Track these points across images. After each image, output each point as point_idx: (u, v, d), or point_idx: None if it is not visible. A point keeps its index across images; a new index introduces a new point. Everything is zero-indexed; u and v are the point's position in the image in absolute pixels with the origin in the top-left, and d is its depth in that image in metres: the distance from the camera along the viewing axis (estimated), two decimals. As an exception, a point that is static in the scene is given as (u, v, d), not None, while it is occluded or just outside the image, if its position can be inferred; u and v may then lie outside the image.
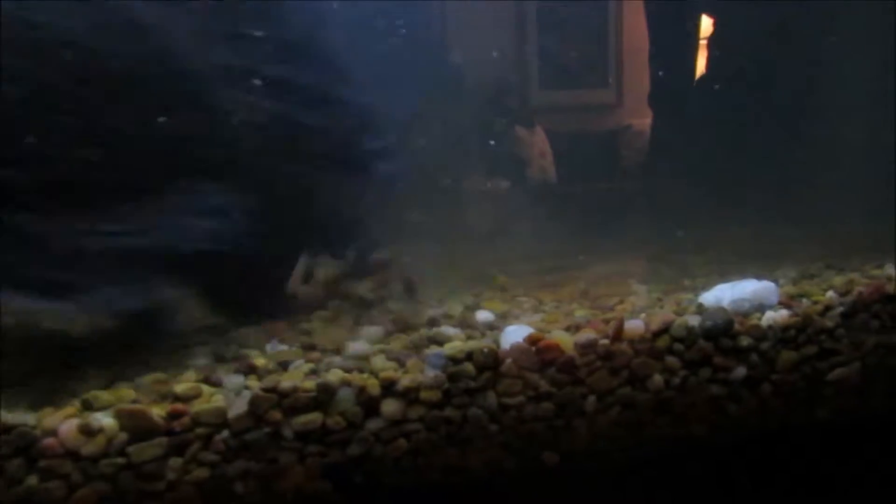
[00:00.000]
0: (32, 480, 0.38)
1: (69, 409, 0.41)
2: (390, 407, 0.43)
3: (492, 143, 1.29)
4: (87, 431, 0.39)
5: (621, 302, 0.57)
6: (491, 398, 0.44)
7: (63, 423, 0.39)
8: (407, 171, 0.64)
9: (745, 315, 0.49)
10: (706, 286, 0.55)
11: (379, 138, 0.60)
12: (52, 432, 0.39)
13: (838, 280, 0.55)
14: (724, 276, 0.61)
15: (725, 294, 0.51)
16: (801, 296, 0.52)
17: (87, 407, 0.41)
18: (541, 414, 0.45)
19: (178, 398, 0.42)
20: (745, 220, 1.05)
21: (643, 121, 1.49)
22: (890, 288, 0.51)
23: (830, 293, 0.52)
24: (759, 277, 0.53)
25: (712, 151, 1.22)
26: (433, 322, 0.53)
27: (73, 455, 0.39)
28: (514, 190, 1.30)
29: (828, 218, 0.96)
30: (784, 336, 0.49)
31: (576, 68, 1.63)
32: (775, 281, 0.53)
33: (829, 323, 0.50)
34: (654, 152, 1.41)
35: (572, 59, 1.61)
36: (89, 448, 0.39)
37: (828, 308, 0.50)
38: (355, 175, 0.58)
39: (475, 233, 1.02)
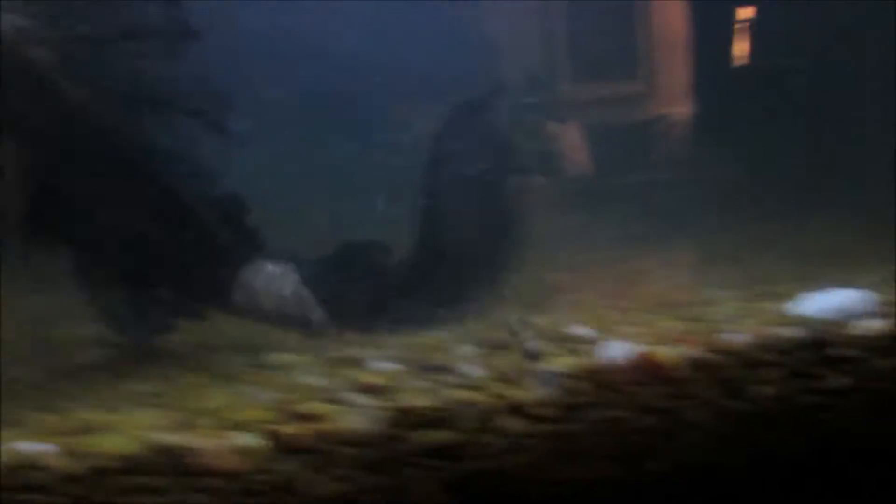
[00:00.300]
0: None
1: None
2: (509, 423, 0.46)
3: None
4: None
5: (704, 310, 0.59)
6: (601, 412, 0.47)
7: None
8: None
9: (840, 325, 0.51)
10: (789, 293, 0.57)
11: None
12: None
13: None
14: (802, 280, 0.63)
15: (816, 304, 0.53)
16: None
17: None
18: (647, 426, 0.47)
19: (306, 417, 0.45)
20: (808, 214, 1.05)
21: (676, 110, 1.49)
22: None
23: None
24: (844, 285, 0.55)
25: (769, 141, 1.22)
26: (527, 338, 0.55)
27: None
28: (548, 187, 1.27)
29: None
30: (879, 345, 0.50)
31: (605, 59, 1.59)
32: (864, 289, 0.55)
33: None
34: (701, 143, 1.41)
35: (601, 50, 1.58)
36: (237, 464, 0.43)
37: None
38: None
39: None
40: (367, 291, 0.73)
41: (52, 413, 0.48)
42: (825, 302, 0.52)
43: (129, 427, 0.45)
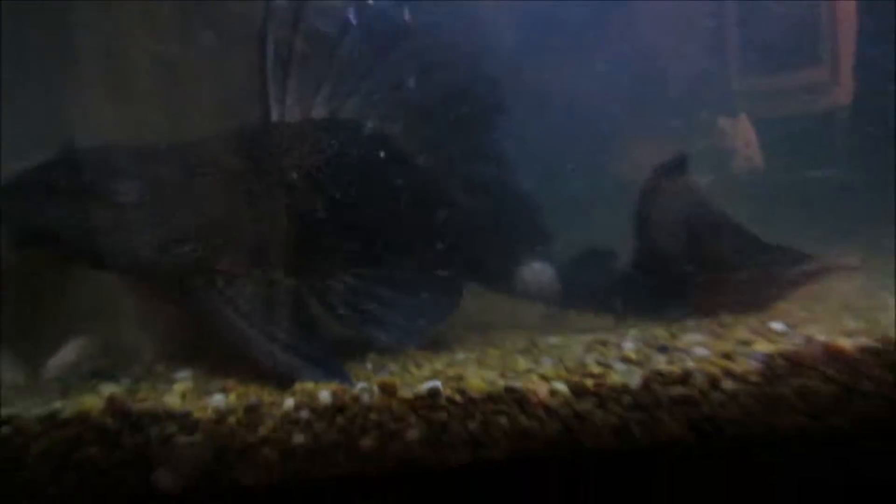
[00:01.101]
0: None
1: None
2: (728, 384, 0.68)
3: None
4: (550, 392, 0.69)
5: (877, 314, 0.77)
6: (794, 381, 0.68)
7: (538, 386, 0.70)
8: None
9: None
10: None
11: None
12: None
13: None
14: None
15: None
16: None
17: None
18: (825, 392, 0.68)
19: (593, 375, 0.71)
20: None
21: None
22: None
23: None
24: None
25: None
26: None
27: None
28: (719, 184, 1.30)
29: None
30: None
31: (782, 48, 1.50)
32: None
33: None
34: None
35: (777, 38, 1.49)
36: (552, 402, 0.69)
37: None
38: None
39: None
40: (601, 285, 0.99)
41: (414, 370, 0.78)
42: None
43: (478, 377, 0.73)
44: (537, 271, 1.00)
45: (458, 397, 0.70)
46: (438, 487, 0.71)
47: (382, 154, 0.93)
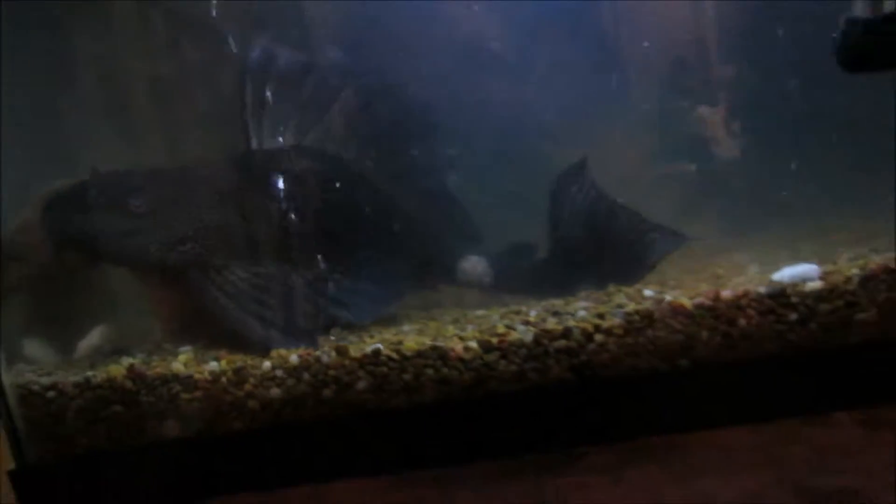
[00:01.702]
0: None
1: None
2: (598, 337, 0.89)
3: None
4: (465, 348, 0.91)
5: (730, 281, 0.98)
6: (648, 332, 0.89)
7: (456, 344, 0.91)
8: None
9: (796, 285, 0.89)
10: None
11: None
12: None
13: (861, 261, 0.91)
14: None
15: (786, 273, 0.91)
16: (837, 271, 0.90)
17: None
18: (675, 341, 0.89)
19: (496, 334, 0.92)
20: None
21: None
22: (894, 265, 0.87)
23: (854, 270, 0.89)
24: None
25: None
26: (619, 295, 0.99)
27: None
28: (702, 173, 1.40)
29: None
30: (819, 295, 0.88)
31: None
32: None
33: (850, 287, 0.87)
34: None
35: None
36: (469, 354, 0.90)
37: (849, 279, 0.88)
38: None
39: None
40: (524, 271, 1.20)
41: (368, 339, 0.99)
42: (792, 272, 0.90)
43: (413, 341, 0.94)
44: (473, 262, 1.21)
45: (395, 355, 0.91)
46: (383, 426, 0.93)
47: (341, 172, 1.15)
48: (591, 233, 1.14)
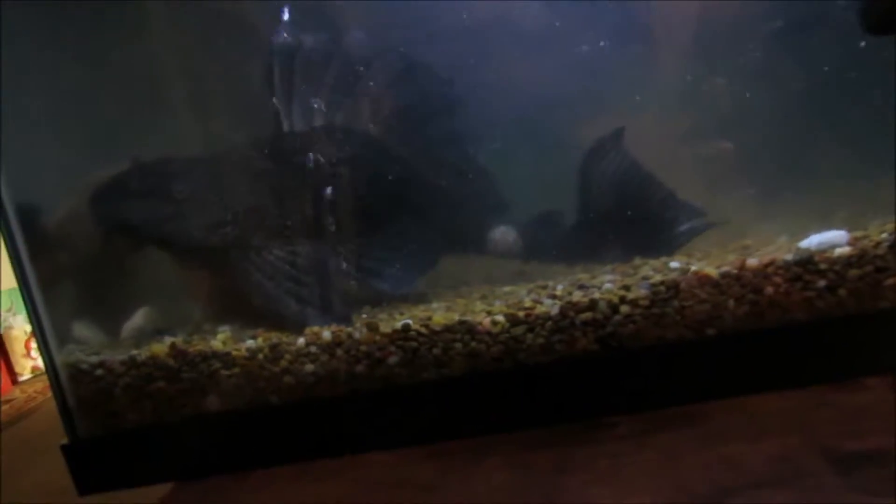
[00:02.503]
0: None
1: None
2: (624, 308, 0.90)
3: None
4: (492, 322, 0.92)
5: (758, 251, 0.98)
6: (675, 302, 0.90)
7: (483, 318, 0.93)
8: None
9: (824, 251, 0.88)
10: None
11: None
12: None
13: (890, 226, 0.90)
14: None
15: (814, 239, 0.90)
16: (865, 237, 0.89)
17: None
18: (703, 310, 0.89)
19: (526, 308, 0.93)
20: None
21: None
22: (923, 228, 0.86)
23: (884, 234, 0.88)
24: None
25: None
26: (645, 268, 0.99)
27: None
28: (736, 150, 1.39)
29: None
30: (848, 262, 0.87)
31: None
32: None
33: (879, 252, 0.86)
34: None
35: None
36: (496, 328, 0.92)
37: (878, 243, 0.87)
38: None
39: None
40: (553, 240, 1.21)
41: (398, 315, 1.02)
42: (820, 238, 0.90)
43: (442, 317, 0.96)
44: (503, 233, 1.23)
45: (424, 330, 0.94)
46: (414, 399, 0.95)
47: (370, 149, 1.18)
48: (622, 203, 1.14)
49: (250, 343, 0.98)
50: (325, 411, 0.96)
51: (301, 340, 0.96)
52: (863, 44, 1.23)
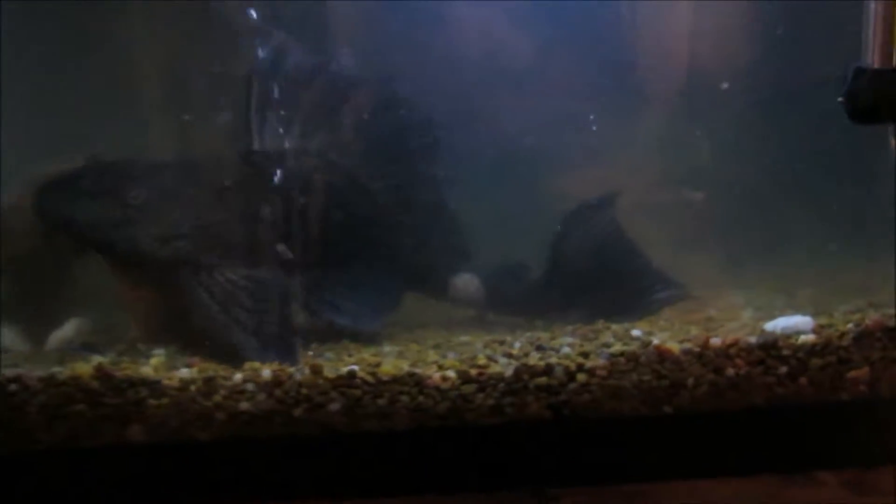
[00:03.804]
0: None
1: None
2: (581, 377, 0.87)
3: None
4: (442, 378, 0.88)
5: (722, 326, 0.95)
6: (633, 375, 0.86)
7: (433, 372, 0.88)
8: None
9: (788, 337, 0.86)
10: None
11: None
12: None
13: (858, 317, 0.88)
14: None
15: (780, 323, 0.88)
16: (831, 325, 0.87)
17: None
18: (661, 386, 0.86)
19: (479, 366, 0.89)
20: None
21: None
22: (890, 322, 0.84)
23: (850, 324, 0.86)
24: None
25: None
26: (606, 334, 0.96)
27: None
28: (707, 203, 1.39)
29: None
30: (812, 350, 0.85)
31: None
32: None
33: (844, 343, 0.84)
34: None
35: None
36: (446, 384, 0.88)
37: (844, 334, 0.85)
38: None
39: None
40: (517, 293, 1.18)
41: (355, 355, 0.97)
42: (784, 322, 0.87)
43: (391, 365, 0.91)
44: (466, 280, 1.19)
45: (370, 378, 0.88)
46: (353, 449, 0.90)
47: (342, 179, 1.13)
48: (596, 267, 1.12)
49: (184, 372, 0.91)
50: (256, 453, 0.90)
51: (238, 376, 0.90)
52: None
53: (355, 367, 0.89)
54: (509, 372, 0.87)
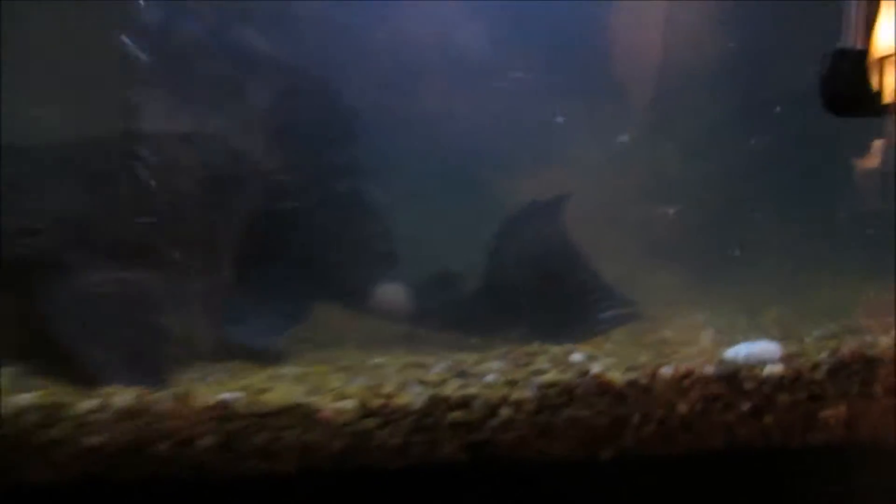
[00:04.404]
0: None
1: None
2: (505, 411, 0.72)
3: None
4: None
5: (676, 352, 0.82)
6: (568, 411, 0.71)
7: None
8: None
9: (752, 367, 0.72)
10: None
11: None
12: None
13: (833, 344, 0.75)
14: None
15: (742, 350, 0.74)
16: (801, 354, 0.73)
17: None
18: (600, 424, 0.71)
19: (384, 395, 0.74)
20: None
21: None
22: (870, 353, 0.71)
23: (823, 354, 0.72)
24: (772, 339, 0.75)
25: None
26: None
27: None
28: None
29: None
30: (780, 383, 0.71)
31: None
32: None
33: (817, 376, 0.71)
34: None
35: None
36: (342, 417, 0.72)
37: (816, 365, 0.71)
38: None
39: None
40: (449, 306, 1.03)
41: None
42: (748, 349, 0.73)
43: (282, 392, 0.76)
44: (391, 291, 1.04)
45: (251, 409, 0.73)
46: (228, 495, 0.73)
47: (240, 169, 0.97)
48: (539, 278, 0.98)
49: (24, 398, 0.74)
50: (106, 500, 0.73)
51: (88, 404, 0.73)
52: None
53: (228, 396, 0.73)
54: (419, 403, 0.72)
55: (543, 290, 1.01)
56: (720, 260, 1.31)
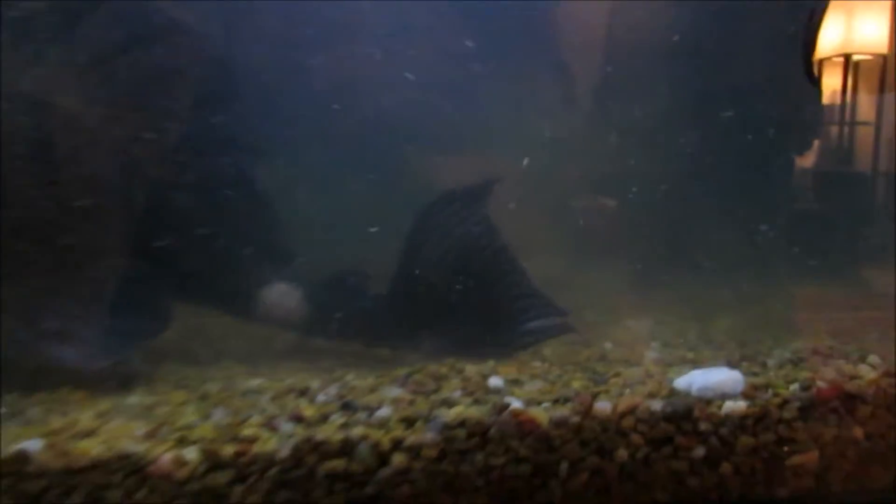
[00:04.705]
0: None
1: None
2: (398, 458, 0.55)
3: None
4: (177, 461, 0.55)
5: (617, 375, 0.67)
6: (479, 458, 0.56)
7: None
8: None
9: (708, 402, 0.58)
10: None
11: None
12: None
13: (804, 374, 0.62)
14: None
15: (696, 380, 0.60)
16: (767, 386, 0.60)
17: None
18: (520, 474, 0.56)
19: (240, 440, 0.56)
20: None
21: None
22: (850, 387, 0.57)
23: (794, 386, 0.59)
24: (731, 365, 0.61)
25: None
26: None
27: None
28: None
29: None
30: (741, 423, 0.57)
31: None
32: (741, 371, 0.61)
33: (786, 415, 0.57)
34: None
35: None
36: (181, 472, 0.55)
37: (786, 401, 0.58)
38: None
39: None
40: (352, 311, 0.86)
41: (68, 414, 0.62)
42: (703, 379, 0.59)
43: (109, 437, 0.58)
44: (280, 293, 0.86)
45: (59, 462, 0.54)
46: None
47: (73, 133, 0.76)
48: (458, 279, 0.81)
49: None
50: None
51: None
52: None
53: (26, 445, 0.54)
54: (285, 451, 0.55)
55: (463, 293, 0.84)
56: (665, 257, 1.19)
